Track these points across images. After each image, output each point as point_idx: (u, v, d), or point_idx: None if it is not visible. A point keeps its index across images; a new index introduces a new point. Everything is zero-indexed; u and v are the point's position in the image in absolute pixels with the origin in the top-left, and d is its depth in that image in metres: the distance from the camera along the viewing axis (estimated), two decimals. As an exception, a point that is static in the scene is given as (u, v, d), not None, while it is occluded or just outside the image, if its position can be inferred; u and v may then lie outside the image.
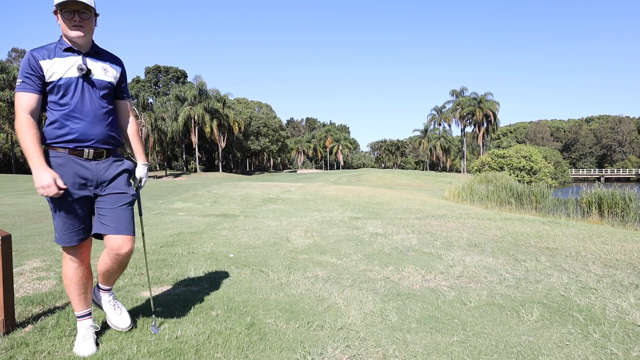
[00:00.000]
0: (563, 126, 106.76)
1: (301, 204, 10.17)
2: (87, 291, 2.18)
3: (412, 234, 5.64)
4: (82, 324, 2.12)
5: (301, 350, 2.06)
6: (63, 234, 2.04)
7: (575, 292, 3.02)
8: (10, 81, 43.36)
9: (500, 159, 38.23)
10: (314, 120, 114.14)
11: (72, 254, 2.10)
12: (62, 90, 2.01)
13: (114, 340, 2.13)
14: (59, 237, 2.05)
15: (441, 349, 2.10)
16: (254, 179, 36.02)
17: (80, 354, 1.99)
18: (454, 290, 3.10)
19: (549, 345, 2.15)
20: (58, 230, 2.05)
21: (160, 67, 66.91)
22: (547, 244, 4.91)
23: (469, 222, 6.79)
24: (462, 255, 4.25)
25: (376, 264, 3.93)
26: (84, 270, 2.15)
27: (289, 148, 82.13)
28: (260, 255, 4.25)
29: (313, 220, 7.09)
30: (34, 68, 1.97)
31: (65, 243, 2.05)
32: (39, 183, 1.89)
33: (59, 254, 4.19)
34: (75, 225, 2.05)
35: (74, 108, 2.01)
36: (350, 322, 2.44)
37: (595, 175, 73.89)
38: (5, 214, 7.82)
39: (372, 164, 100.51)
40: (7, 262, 2.23)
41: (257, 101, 74.05)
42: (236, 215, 7.86)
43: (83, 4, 1.99)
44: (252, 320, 2.44)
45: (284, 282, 3.28)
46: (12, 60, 62.11)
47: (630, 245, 4.71)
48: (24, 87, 1.97)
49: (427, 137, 78.97)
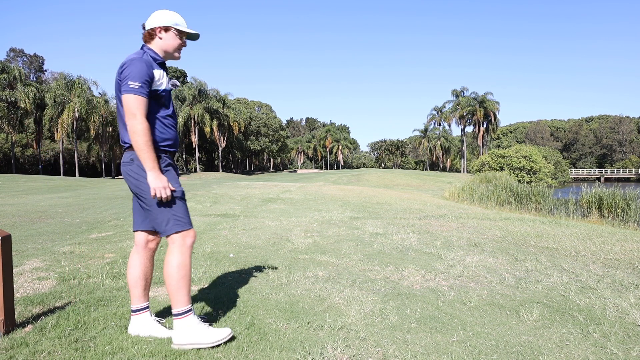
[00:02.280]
0: (563, 126, 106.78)
1: (301, 204, 10.17)
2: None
3: (412, 233, 5.64)
4: (192, 317, 2.14)
5: (301, 350, 2.06)
6: (188, 217, 2.21)
7: (575, 292, 3.02)
8: (10, 81, 43.37)
9: (500, 159, 38.23)
10: (314, 120, 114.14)
11: (192, 238, 2.19)
12: (164, 99, 2.22)
13: (114, 340, 2.13)
14: (187, 220, 2.19)
15: (441, 349, 2.10)
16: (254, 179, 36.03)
17: (223, 335, 2.10)
18: (454, 290, 3.10)
19: (549, 345, 2.15)
20: (184, 215, 2.18)
21: (160, 67, 66.81)
22: (547, 243, 4.91)
23: (469, 222, 6.79)
24: (462, 255, 4.25)
25: (376, 264, 3.93)
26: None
27: (289, 148, 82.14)
28: (260, 255, 4.25)
29: (313, 220, 7.09)
30: (150, 75, 2.11)
31: (190, 224, 2.19)
32: (157, 184, 2.07)
33: (59, 254, 4.19)
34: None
35: (172, 116, 2.27)
36: (350, 322, 2.44)
37: (595, 175, 73.92)
38: (5, 214, 7.82)
39: (372, 164, 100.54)
40: (7, 262, 2.23)
41: (257, 101, 74.07)
42: (236, 215, 7.86)
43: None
44: (252, 320, 2.44)
45: (284, 282, 3.28)
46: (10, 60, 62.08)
47: (630, 245, 4.71)
48: (142, 92, 2.07)
49: (427, 137, 78.96)
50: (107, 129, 48.21)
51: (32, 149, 52.36)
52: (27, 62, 67.32)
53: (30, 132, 49.47)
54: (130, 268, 2.29)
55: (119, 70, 2.11)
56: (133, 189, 2.18)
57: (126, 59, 2.12)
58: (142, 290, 2.27)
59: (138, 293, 2.26)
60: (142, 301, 2.28)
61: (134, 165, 2.13)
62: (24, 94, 42.32)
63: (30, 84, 45.63)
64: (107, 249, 4.49)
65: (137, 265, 2.28)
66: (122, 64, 2.11)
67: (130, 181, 2.16)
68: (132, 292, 2.27)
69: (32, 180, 25.79)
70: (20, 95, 42.09)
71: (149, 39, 2.26)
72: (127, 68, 2.08)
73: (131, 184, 2.17)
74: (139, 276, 2.27)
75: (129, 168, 2.15)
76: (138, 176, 2.13)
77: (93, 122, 44.91)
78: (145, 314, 2.26)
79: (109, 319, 2.42)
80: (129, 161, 2.16)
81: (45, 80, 62.96)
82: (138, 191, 2.15)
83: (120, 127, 2.22)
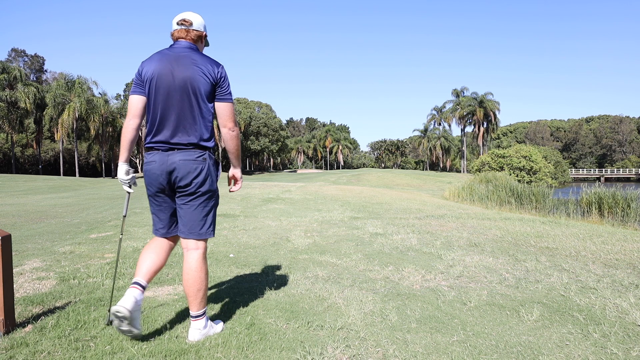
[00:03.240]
0: (563, 126, 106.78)
1: (301, 204, 10.17)
2: None
3: (412, 233, 5.64)
4: (204, 319, 2.24)
5: (301, 350, 2.06)
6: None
7: (575, 292, 3.02)
8: (10, 81, 43.37)
9: (500, 159, 38.22)
10: (314, 120, 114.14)
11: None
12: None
13: (114, 340, 2.13)
14: (214, 226, 2.32)
15: (441, 349, 2.10)
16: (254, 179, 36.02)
17: (218, 329, 2.28)
18: (454, 290, 3.10)
19: (549, 345, 2.15)
20: (214, 223, 2.33)
21: (160, 67, 66.81)
22: (547, 243, 4.91)
23: (469, 222, 6.79)
24: (462, 255, 4.25)
25: (376, 263, 3.93)
26: None
27: (289, 148, 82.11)
28: (260, 255, 4.25)
29: (313, 220, 7.09)
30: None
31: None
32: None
33: (59, 254, 4.19)
34: None
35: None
36: (350, 322, 2.44)
37: (595, 175, 73.92)
38: (5, 214, 7.82)
39: (372, 164, 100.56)
40: (7, 262, 2.23)
41: (257, 101, 74.03)
42: (236, 215, 7.86)
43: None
44: (252, 320, 2.44)
45: (284, 282, 3.28)
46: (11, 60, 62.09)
47: (630, 245, 4.71)
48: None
49: (427, 137, 78.95)
50: (107, 129, 48.21)
51: (32, 149, 52.38)
52: (28, 63, 67.36)
53: (31, 132, 49.47)
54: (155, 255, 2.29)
55: (217, 71, 2.17)
56: (201, 187, 2.19)
57: (218, 62, 2.20)
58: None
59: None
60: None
61: (206, 164, 2.19)
62: (24, 94, 42.33)
63: (30, 84, 45.64)
64: (107, 249, 4.49)
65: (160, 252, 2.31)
66: (219, 67, 2.19)
67: (199, 177, 2.17)
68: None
69: (32, 180, 25.80)
70: (20, 95, 42.10)
71: (198, 41, 2.29)
72: (227, 76, 2.21)
73: (199, 180, 2.17)
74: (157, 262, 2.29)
75: (201, 165, 2.17)
76: (210, 174, 2.22)
77: (93, 122, 44.94)
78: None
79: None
80: (201, 160, 2.17)
81: (45, 80, 62.96)
82: (205, 189, 2.20)
83: (192, 124, 2.17)
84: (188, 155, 2.15)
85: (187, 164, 2.14)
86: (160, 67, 2.14)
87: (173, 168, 2.14)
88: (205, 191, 2.21)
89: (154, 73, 2.14)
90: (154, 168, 2.18)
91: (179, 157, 2.14)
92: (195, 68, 2.13)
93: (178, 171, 2.14)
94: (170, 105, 2.13)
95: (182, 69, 2.12)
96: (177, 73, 2.12)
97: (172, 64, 2.13)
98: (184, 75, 2.11)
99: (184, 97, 2.12)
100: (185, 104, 2.13)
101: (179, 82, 2.11)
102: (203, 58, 2.18)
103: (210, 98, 2.17)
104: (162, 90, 2.13)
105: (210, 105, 2.18)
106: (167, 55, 2.17)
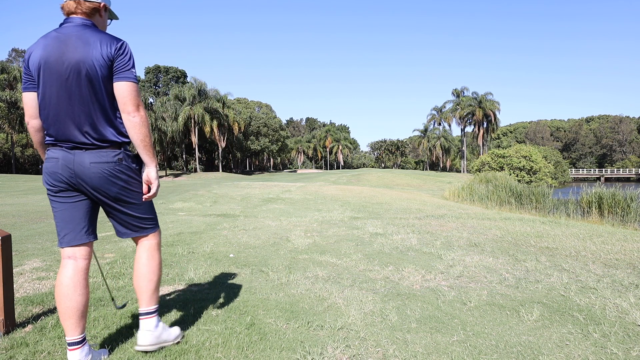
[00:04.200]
0: (563, 126, 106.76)
1: (301, 204, 10.17)
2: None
3: (412, 233, 5.64)
4: (155, 317, 2.09)
5: (301, 350, 2.06)
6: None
7: (575, 292, 3.02)
8: (10, 81, 43.39)
9: (500, 159, 38.22)
10: (314, 120, 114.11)
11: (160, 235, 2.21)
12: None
13: (113, 340, 2.13)
14: (156, 220, 2.15)
15: (441, 349, 2.10)
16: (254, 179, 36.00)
17: (172, 335, 2.11)
18: (454, 290, 3.10)
19: (549, 345, 2.15)
20: (155, 216, 2.16)
21: (160, 67, 66.92)
22: (547, 243, 4.91)
23: (469, 222, 6.79)
24: (462, 255, 4.25)
25: (376, 263, 3.93)
26: None
27: (289, 148, 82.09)
28: (260, 255, 4.25)
29: (313, 220, 7.09)
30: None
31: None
32: (158, 181, 1.99)
33: (59, 254, 4.19)
34: None
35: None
36: (350, 322, 2.44)
37: (595, 175, 73.91)
38: (5, 214, 7.82)
39: (372, 164, 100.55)
40: (7, 262, 2.23)
41: (257, 101, 74.12)
42: (236, 215, 7.86)
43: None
44: (252, 320, 2.44)
45: (284, 282, 3.28)
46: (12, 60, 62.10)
47: (630, 245, 4.71)
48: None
49: (427, 137, 78.91)
50: (107, 129, 48.10)
51: (32, 149, 52.36)
52: (27, 63, 67.21)
53: (30, 132, 49.40)
54: (75, 293, 1.85)
55: (114, 47, 1.81)
56: (118, 194, 1.89)
57: (119, 39, 1.85)
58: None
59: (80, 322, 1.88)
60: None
61: (122, 165, 1.88)
62: (24, 94, 42.32)
63: (30, 84, 45.58)
64: (107, 249, 4.49)
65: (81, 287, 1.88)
66: (118, 42, 1.83)
67: (116, 184, 1.87)
68: (73, 322, 1.84)
69: (32, 180, 25.80)
70: (20, 96, 42.11)
71: (94, 15, 1.91)
72: (128, 52, 1.84)
73: (116, 186, 1.87)
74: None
75: (117, 168, 1.87)
76: (128, 177, 1.91)
77: (93, 122, 44.85)
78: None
79: (109, 318, 2.42)
80: (115, 161, 1.86)
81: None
82: (125, 194, 1.91)
83: (97, 117, 1.82)
84: (99, 156, 1.83)
85: (99, 168, 1.83)
86: (46, 53, 1.79)
87: (82, 174, 1.82)
88: (130, 197, 1.94)
89: (40, 61, 1.80)
90: (55, 167, 1.84)
91: (88, 159, 1.82)
92: (88, 48, 1.78)
93: (90, 179, 1.83)
94: (65, 97, 1.79)
95: (72, 52, 1.77)
96: (68, 57, 1.77)
97: (61, 48, 1.78)
98: (76, 58, 1.77)
99: (81, 85, 1.78)
100: (84, 93, 1.79)
101: (71, 68, 1.77)
102: (98, 35, 1.82)
103: (111, 80, 1.84)
104: (52, 81, 1.79)
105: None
106: (54, 38, 1.81)
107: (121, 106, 1.84)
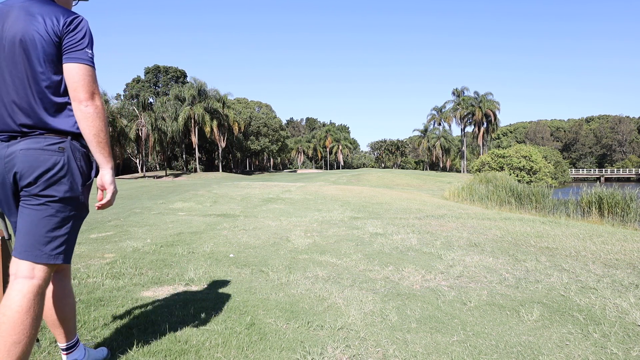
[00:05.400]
0: (563, 126, 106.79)
1: (301, 204, 10.17)
2: None
3: (412, 233, 5.64)
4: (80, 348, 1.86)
5: (301, 350, 2.06)
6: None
7: (575, 292, 3.02)
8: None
9: (500, 159, 38.24)
10: (314, 120, 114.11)
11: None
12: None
13: (113, 340, 2.13)
14: (69, 252, 1.74)
15: (441, 349, 2.10)
16: (254, 179, 35.99)
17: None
18: (454, 290, 3.10)
19: (549, 345, 2.15)
20: (70, 246, 1.72)
21: (160, 67, 66.91)
22: (547, 243, 4.91)
23: (469, 222, 6.79)
24: (462, 255, 4.25)
25: (376, 264, 3.93)
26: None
27: (289, 148, 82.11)
28: (260, 255, 4.25)
29: (313, 220, 7.09)
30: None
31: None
32: (115, 188, 1.63)
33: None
34: None
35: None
36: (350, 322, 2.44)
37: (595, 175, 73.91)
38: None
39: (372, 164, 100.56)
40: (7, 262, 2.22)
41: (257, 101, 74.03)
42: (236, 215, 7.86)
43: None
44: (252, 320, 2.44)
45: (284, 282, 3.28)
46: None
47: (630, 245, 4.71)
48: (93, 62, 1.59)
49: (427, 137, 78.91)
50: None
51: (32, 149, 52.37)
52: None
53: (30, 132, 49.41)
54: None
55: (64, 21, 1.53)
56: (50, 188, 1.52)
57: (72, 12, 1.59)
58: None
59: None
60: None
61: (63, 157, 1.54)
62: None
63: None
64: (107, 249, 4.49)
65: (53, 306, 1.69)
66: (70, 16, 1.56)
67: (48, 173, 1.51)
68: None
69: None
70: None
71: None
72: (82, 29, 1.56)
73: (49, 177, 1.51)
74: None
75: (54, 158, 1.52)
76: (71, 172, 1.56)
77: (93, 122, 44.82)
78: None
79: (109, 319, 2.42)
80: (55, 149, 1.52)
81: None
82: (59, 194, 1.54)
83: (36, 99, 1.51)
84: (34, 142, 1.51)
85: (31, 154, 1.49)
86: None
87: (13, 164, 1.49)
88: (59, 197, 1.53)
89: None
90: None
91: (21, 145, 1.50)
92: (31, 19, 1.51)
93: (18, 166, 1.49)
94: (0, 77, 1.53)
95: (12, 24, 1.51)
96: (6, 30, 1.52)
97: (2, 20, 1.54)
98: (14, 31, 1.50)
99: (17, 61, 1.50)
100: (20, 71, 1.51)
101: (7, 42, 1.51)
102: (47, 7, 1.55)
103: (60, 60, 1.55)
104: None
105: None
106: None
107: (71, 93, 1.52)
